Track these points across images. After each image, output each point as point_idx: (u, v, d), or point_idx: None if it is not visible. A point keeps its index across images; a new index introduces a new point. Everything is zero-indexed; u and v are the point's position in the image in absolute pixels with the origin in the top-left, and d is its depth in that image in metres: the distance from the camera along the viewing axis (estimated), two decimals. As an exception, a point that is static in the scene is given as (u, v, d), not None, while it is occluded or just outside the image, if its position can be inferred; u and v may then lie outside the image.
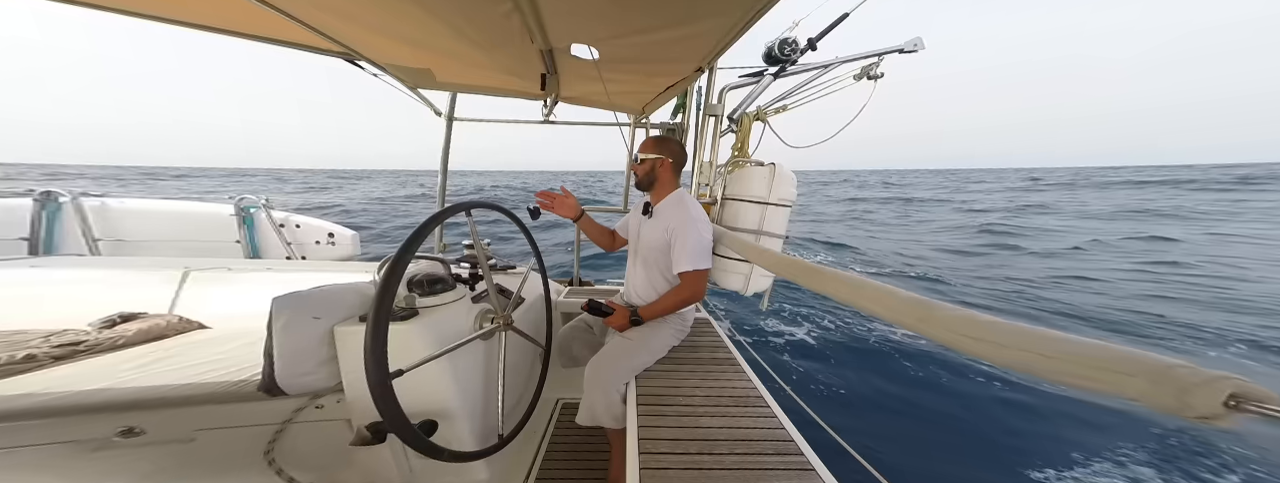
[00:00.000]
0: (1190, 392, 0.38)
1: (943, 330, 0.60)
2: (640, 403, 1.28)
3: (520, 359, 1.82)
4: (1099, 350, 0.45)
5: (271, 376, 1.08)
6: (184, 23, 1.26)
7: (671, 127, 2.52)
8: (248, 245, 3.22)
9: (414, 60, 1.58)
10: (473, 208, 1.22)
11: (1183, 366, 0.41)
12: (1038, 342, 0.50)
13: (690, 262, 1.46)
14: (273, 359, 1.07)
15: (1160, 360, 0.42)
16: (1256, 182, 44.88)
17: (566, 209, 1.68)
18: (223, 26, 1.31)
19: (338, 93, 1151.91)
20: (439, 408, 1.21)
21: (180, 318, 1.81)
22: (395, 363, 0.87)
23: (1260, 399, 0.36)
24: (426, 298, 1.23)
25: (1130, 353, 0.44)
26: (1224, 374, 0.38)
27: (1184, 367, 0.41)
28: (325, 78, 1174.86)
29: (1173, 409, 0.39)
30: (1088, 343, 0.47)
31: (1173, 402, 0.39)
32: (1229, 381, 0.37)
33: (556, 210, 1.67)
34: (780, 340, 5.35)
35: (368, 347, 0.81)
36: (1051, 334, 0.50)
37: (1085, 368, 0.45)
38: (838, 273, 0.88)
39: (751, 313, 6.13)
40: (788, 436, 1.12)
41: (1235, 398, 0.36)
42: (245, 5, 1.05)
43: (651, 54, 1.35)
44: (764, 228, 2.18)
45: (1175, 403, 0.39)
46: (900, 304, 0.68)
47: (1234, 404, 0.36)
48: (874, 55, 2.35)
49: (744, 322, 5.99)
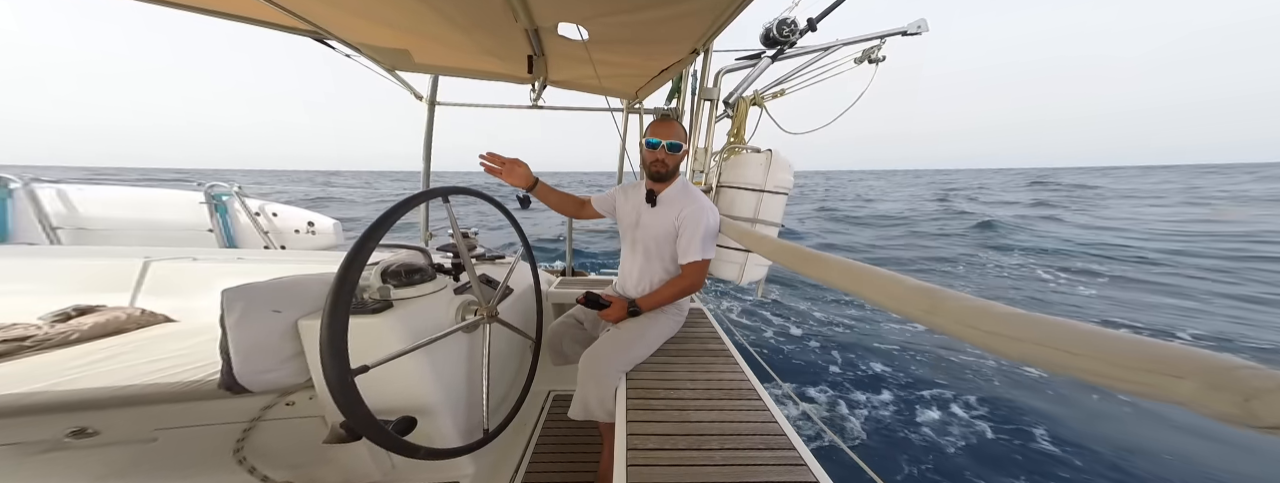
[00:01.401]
0: (1259, 398, 0.33)
1: (954, 323, 0.55)
2: (630, 397, 1.25)
3: (509, 352, 1.76)
4: (1139, 347, 0.40)
5: (231, 373, 1.02)
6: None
7: (666, 112, 2.44)
8: (222, 235, 3.08)
9: (390, 40, 1.48)
10: (449, 194, 1.14)
11: (1246, 366, 0.35)
12: (1062, 336, 0.45)
13: (699, 251, 1.43)
14: (229, 356, 1.01)
15: (1217, 360, 0.37)
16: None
17: (517, 177, 1.48)
18: (177, 1, 1.19)
19: (342, 88, 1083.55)
20: (418, 404, 1.16)
21: (143, 311, 1.71)
22: (364, 358, 0.81)
23: None
24: (403, 289, 1.17)
25: (1178, 351, 0.38)
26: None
27: (1247, 368, 0.35)
28: (329, 73, 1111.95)
29: (1235, 418, 0.34)
30: (1124, 338, 0.41)
31: (1235, 409, 0.34)
32: None
33: (505, 178, 1.49)
34: (769, 332, 5.39)
35: (324, 342, 0.75)
36: (1079, 327, 0.45)
37: (1120, 368, 0.40)
38: (839, 260, 0.82)
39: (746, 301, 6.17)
40: (779, 429, 1.10)
41: None
42: None
43: (643, 34, 1.27)
44: (760, 216, 2.13)
45: (1238, 411, 0.34)
46: (906, 293, 0.63)
47: None
48: (876, 37, 2.27)
49: (736, 311, 6.03)
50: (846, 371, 4.52)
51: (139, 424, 1.13)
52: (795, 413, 3.38)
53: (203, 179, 3.16)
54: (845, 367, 4.59)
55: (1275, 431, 0.32)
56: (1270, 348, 5.14)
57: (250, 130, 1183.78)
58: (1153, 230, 14.02)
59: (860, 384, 4.26)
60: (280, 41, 53.18)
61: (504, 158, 1.47)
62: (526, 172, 1.49)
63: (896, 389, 4.16)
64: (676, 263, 1.50)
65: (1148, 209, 21.52)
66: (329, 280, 1.16)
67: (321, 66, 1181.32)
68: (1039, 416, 3.68)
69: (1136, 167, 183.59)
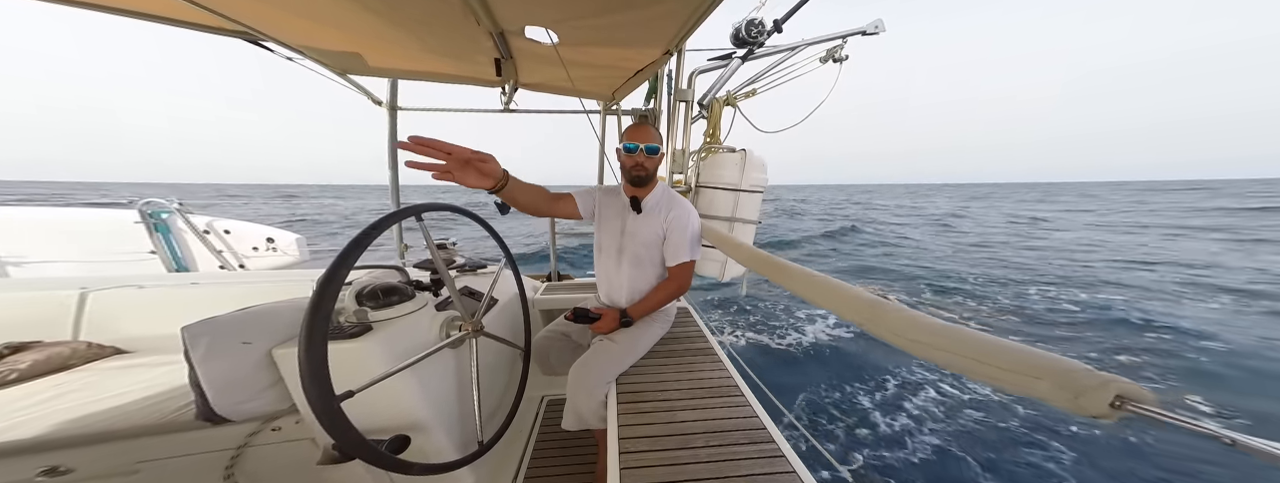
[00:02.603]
0: (1084, 394, 0.42)
1: (887, 331, 0.64)
2: (621, 401, 1.27)
3: (498, 362, 1.74)
4: (1016, 354, 0.49)
5: (207, 405, 0.98)
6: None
7: (644, 113, 2.43)
8: (168, 257, 2.83)
9: (338, 43, 1.40)
10: (423, 212, 1.10)
11: (1081, 369, 0.44)
12: (967, 345, 0.54)
13: (688, 252, 1.44)
14: (202, 389, 0.97)
15: (1063, 363, 0.46)
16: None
17: (474, 178, 1.09)
18: (85, 1, 1.08)
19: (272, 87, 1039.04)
20: (410, 421, 1.14)
21: (88, 344, 1.58)
22: (346, 384, 0.80)
23: (1140, 399, 0.40)
24: (381, 311, 1.14)
25: (1041, 357, 0.48)
26: (1113, 377, 0.42)
27: (1082, 371, 0.44)
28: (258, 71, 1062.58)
29: (1071, 408, 0.43)
30: (1009, 346, 0.50)
31: (1071, 402, 0.43)
32: (1116, 383, 0.41)
33: (461, 180, 1.06)
34: (753, 333, 5.54)
35: (304, 372, 0.74)
36: (980, 337, 0.54)
37: (1004, 371, 0.49)
38: (802, 270, 0.91)
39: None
40: (759, 424, 1.15)
41: (1120, 398, 0.41)
42: None
43: (615, 37, 1.26)
44: (737, 214, 2.17)
45: (1072, 404, 0.43)
46: (854, 303, 0.72)
47: (1119, 404, 0.40)
48: (838, 37, 2.34)
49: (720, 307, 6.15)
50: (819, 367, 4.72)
51: (117, 459, 1.08)
52: (773, 405, 3.53)
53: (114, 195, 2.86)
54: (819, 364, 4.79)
55: (1097, 418, 0.42)
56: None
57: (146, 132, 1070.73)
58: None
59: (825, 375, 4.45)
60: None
61: (451, 148, 1.00)
62: (488, 169, 1.11)
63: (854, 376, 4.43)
64: (665, 267, 1.50)
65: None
66: (301, 306, 1.11)
67: (249, 62, 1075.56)
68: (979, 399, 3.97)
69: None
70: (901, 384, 4.28)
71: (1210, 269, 10.23)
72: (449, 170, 1.03)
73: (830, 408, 3.86)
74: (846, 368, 4.59)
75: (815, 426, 3.62)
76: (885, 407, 3.89)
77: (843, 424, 3.62)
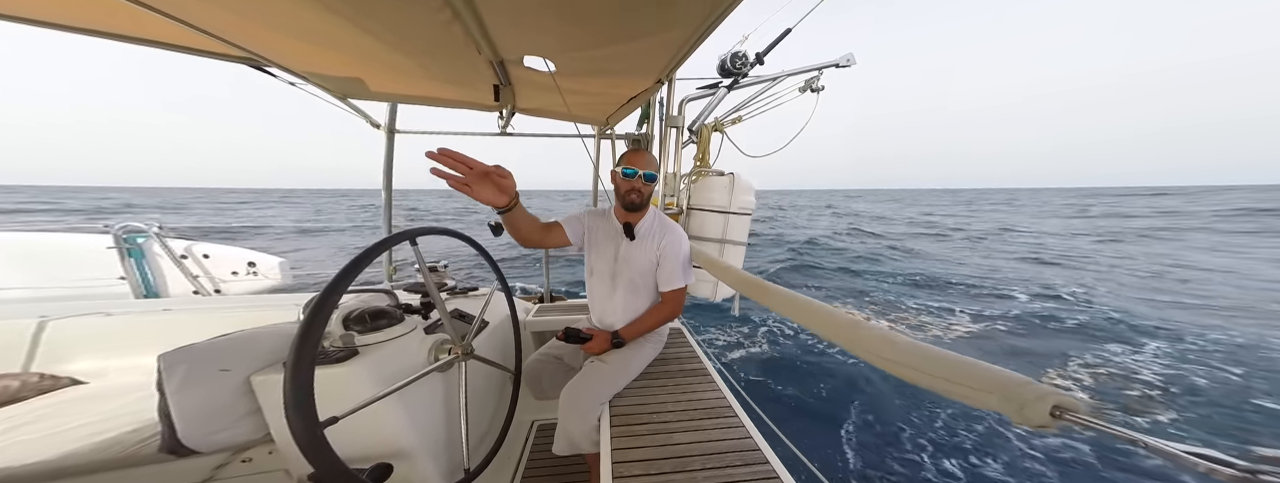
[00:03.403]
0: (1027, 405, 0.45)
1: (865, 351, 0.67)
2: (614, 424, 1.24)
3: (487, 386, 1.69)
4: (971, 369, 0.53)
5: (174, 437, 0.93)
6: (43, 23, 1.06)
7: (637, 137, 2.51)
8: (138, 283, 2.69)
9: (340, 68, 1.43)
10: (418, 236, 1.10)
11: (1024, 382, 0.48)
12: (930, 362, 0.58)
13: (681, 278, 1.45)
14: (171, 421, 0.93)
15: (1011, 378, 0.49)
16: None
17: (490, 194, 1.08)
18: (90, 27, 1.10)
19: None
20: (393, 449, 1.10)
21: (42, 375, 1.48)
22: (331, 410, 0.78)
23: (1074, 410, 0.43)
24: (368, 335, 1.12)
25: (992, 371, 0.52)
26: (1051, 389, 0.45)
27: (1024, 384, 0.48)
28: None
29: (1017, 419, 0.46)
30: (968, 363, 0.55)
31: (1016, 413, 0.46)
32: (1054, 395, 0.44)
33: (476, 195, 1.05)
34: (739, 353, 5.51)
35: (288, 399, 0.72)
36: (944, 355, 0.58)
37: (960, 385, 0.53)
38: (787, 292, 0.95)
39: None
40: (754, 445, 1.14)
41: (1058, 408, 0.44)
42: (113, 4, 0.89)
43: (610, 66, 1.32)
44: (727, 236, 2.22)
45: (1018, 415, 0.46)
46: (834, 323, 0.76)
47: (1057, 414, 0.44)
48: (814, 69, 2.50)
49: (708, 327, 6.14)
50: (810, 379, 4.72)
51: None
52: (768, 425, 3.49)
53: (108, 218, 2.78)
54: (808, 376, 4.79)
55: (1040, 428, 0.45)
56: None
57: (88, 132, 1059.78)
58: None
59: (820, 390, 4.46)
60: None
61: (472, 162, 1.02)
62: (506, 185, 1.10)
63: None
64: (658, 292, 1.51)
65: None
66: (284, 332, 1.08)
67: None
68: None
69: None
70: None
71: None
72: (467, 183, 1.03)
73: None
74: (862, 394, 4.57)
75: (810, 445, 3.56)
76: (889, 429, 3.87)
77: (848, 443, 3.58)
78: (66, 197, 62.36)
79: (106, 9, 0.99)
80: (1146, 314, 7.07)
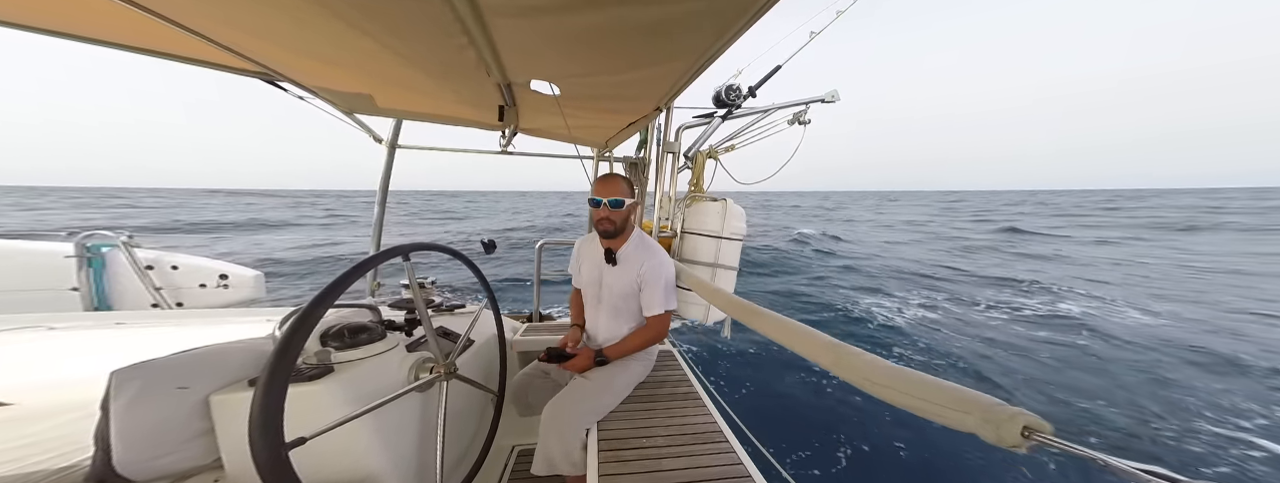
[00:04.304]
0: (1002, 426, 0.48)
1: (848, 371, 0.70)
2: (601, 449, 1.20)
3: (469, 406, 1.62)
4: (951, 392, 0.56)
5: (107, 463, 0.84)
6: (71, 36, 1.09)
7: (634, 161, 2.58)
8: (91, 295, 2.51)
9: (350, 84, 1.47)
10: (411, 251, 1.09)
11: (998, 404, 0.51)
12: (911, 385, 0.60)
13: (662, 304, 1.44)
14: (108, 444, 0.85)
15: (987, 401, 0.52)
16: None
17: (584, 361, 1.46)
18: (112, 40, 1.14)
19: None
20: (363, 473, 1.03)
21: None
22: (298, 431, 0.73)
23: (1041, 429, 0.46)
24: (347, 352, 1.07)
25: (970, 394, 0.55)
26: (1020, 411, 0.48)
27: (998, 406, 0.50)
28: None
29: (993, 440, 0.49)
30: (945, 386, 0.57)
31: (992, 434, 0.49)
32: (1023, 416, 0.47)
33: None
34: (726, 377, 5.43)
35: (254, 417, 0.68)
36: (923, 379, 0.60)
37: (941, 408, 0.55)
38: (775, 316, 0.98)
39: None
40: (745, 472, 1.12)
41: (1027, 429, 0.46)
42: (135, 16, 0.91)
43: (612, 92, 1.38)
44: (719, 261, 2.24)
45: (994, 435, 0.49)
46: (819, 347, 0.78)
47: (1027, 434, 0.46)
48: (802, 103, 2.64)
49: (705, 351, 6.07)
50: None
51: None
52: (757, 450, 3.40)
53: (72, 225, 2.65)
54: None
55: (1012, 448, 0.48)
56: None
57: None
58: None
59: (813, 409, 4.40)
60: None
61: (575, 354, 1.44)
62: (588, 353, 1.44)
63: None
64: (642, 316, 1.51)
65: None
66: (255, 349, 1.03)
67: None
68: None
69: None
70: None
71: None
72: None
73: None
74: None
75: (804, 472, 3.44)
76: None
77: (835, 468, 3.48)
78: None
79: (133, 25, 1.02)
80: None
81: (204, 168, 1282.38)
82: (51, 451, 1.02)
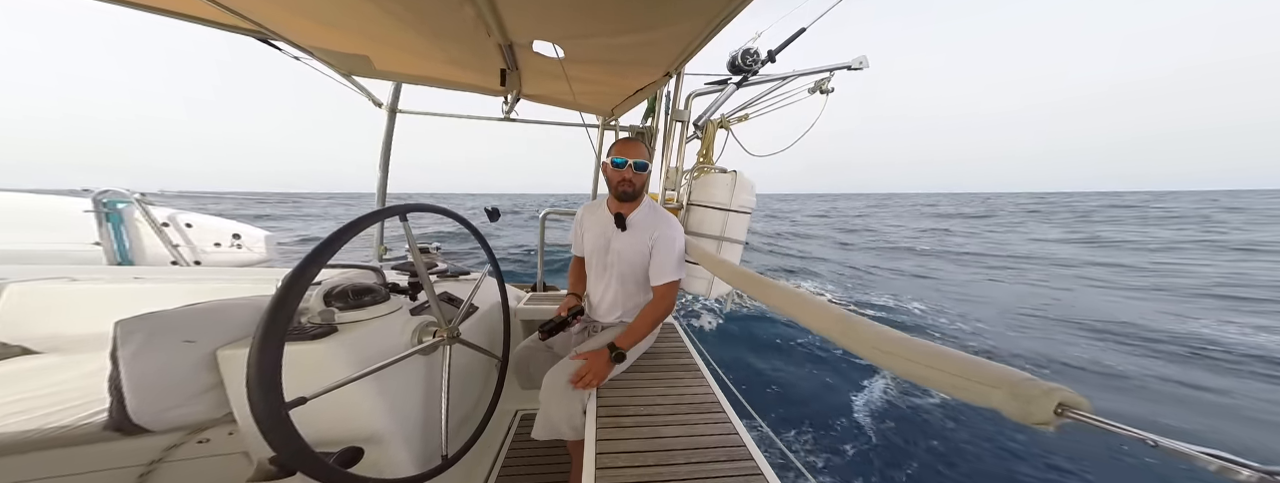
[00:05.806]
0: (1033, 402, 0.45)
1: (859, 344, 0.67)
2: (600, 414, 1.24)
3: (472, 372, 1.68)
4: (975, 366, 0.52)
5: (123, 411, 0.88)
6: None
7: (641, 130, 2.49)
8: (114, 250, 2.60)
9: (347, 45, 1.41)
10: (407, 212, 1.07)
11: (1029, 380, 0.47)
12: (929, 356, 0.56)
13: (673, 272, 1.43)
14: (121, 393, 0.88)
15: (1015, 375, 0.48)
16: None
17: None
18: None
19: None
20: (366, 433, 1.07)
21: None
22: (301, 390, 0.75)
23: (1079, 407, 0.43)
24: (350, 312, 1.08)
25: (996, 369, 0.51)
26: (1056, 386, 0.45)
27: (1029, 381, 0.47)
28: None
29: (1021, 417, 0.46)
30: (964, 357, 0.53)
31: (1020, 411, 0.46)
32: (1059, 391, 0.44)
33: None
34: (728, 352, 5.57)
35: (251, 375, 0.68)
36: (939, 349, 0.57)
37: (964, 381, 0.52)
38: (781, 286, 0.95)
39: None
40: (739, 441, 1.15)
41: (1062, 406, 0.43)
42: None
43: (619, 56, 1.31)
44: (726, 234, 2.21)
45: (1021, 412, 0.45)
46: (828, 318, 0.75)
47: (1061, 412, 0.43)
48: (826, 70, 2.47)
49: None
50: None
51: (3, 477, 0.95)
52: (753, 420, 3.56)
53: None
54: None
55: (1041, 425, 0.45)
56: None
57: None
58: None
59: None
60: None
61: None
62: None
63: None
64: (648, 284, 1.49)
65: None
66: (258, 305, 1.02)
67: (219, 45, 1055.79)
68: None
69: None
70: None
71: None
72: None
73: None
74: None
75: (797, 442, 3.63)
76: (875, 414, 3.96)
77: (825, 439, 3.64)
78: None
79: None
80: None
81: (204, 168, 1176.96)
82: (74, 399, 1.09)
